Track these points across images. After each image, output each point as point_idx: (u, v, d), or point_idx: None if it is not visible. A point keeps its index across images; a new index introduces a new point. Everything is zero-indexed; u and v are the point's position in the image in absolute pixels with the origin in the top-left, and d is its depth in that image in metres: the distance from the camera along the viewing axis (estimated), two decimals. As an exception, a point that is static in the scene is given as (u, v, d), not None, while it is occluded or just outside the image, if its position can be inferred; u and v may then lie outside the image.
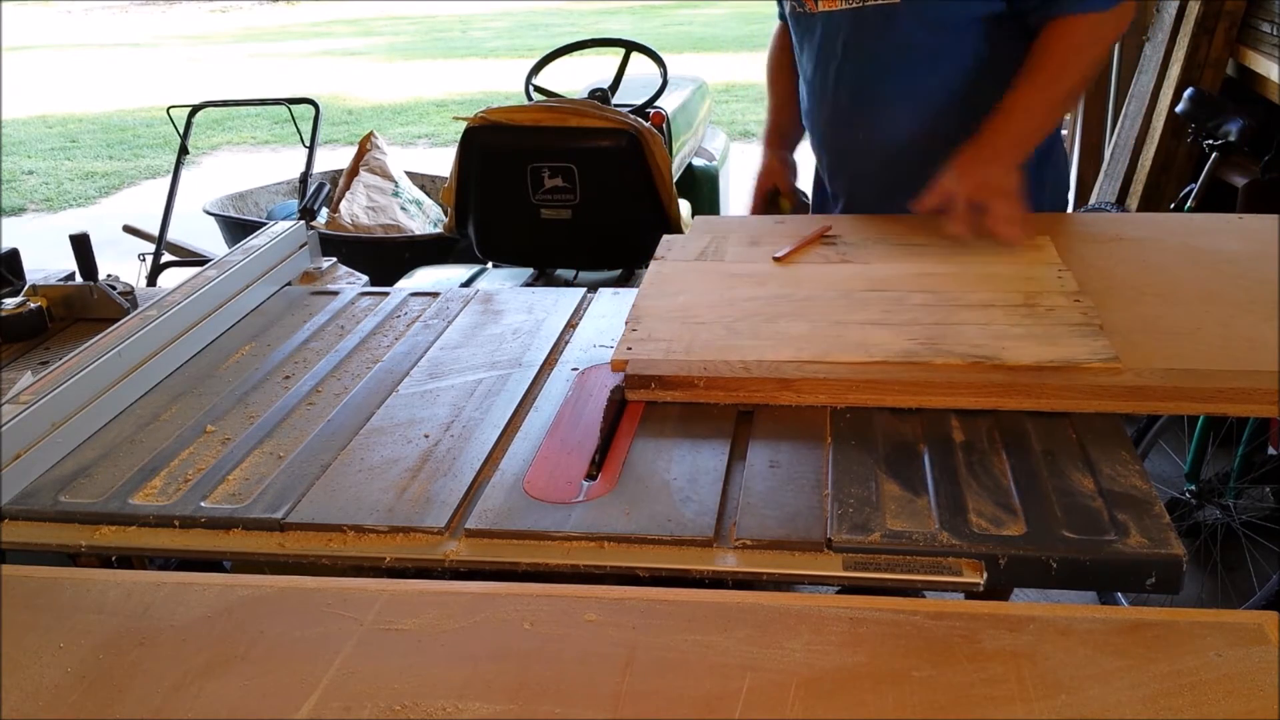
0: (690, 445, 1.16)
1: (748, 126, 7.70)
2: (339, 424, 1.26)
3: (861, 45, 1.68)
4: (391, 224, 3.99)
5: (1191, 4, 3.15)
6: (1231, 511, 2.54)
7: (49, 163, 8.05)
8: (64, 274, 1.75)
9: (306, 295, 1.71)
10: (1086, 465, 1.08)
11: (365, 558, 1.02)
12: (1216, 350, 1.23)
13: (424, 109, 9.53)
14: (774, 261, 1.55)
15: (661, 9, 15.85)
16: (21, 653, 0.89)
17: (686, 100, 3.46)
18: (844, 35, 1.69)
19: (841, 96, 1.75)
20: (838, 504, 1.03)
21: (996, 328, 1.29)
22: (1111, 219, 1.89)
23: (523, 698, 0.81)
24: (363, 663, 0.85)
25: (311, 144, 3.57)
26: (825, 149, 1.86)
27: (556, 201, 2.51)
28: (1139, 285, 1.43)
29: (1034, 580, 0.96)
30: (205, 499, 1.11)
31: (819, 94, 1.79)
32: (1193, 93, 2.98)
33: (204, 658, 0.87)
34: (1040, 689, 0.79)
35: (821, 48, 1.74)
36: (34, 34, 16.13)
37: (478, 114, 2.49)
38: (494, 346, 1.47)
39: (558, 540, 1.01)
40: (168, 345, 1.44)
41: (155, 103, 9.40)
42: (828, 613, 0.88)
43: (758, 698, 0.79)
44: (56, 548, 1.08)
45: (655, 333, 1.33)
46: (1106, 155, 3.63)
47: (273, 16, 18.28)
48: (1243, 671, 0.80)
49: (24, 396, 1.22)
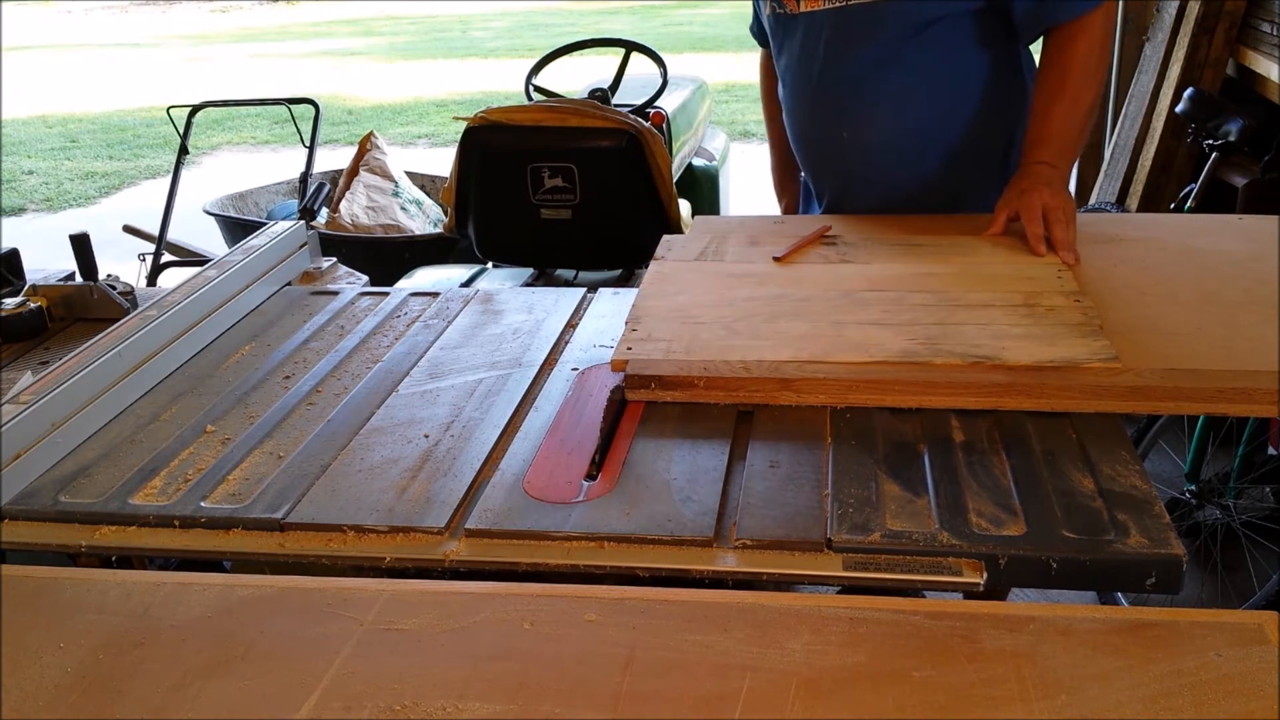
0: (690, 445, 1.16)
1: (748, 126, 7.70)
2: (339, 424, 1.26)
3: (844, 45, 1.68)
4: (391, 224, 3.99)
5: (1191, 4, 3.15)
6: (1231, 511, 2.54)
7: (49, 163, 8.05)
8: (64, 274, 1.75)
9: (306, 295, 1.71)
10: (1086, 465, 1.08)
11: (365, 558, 1.02)
12: (1216, 350, 1.23)
13: (424, 109, 9.53)
14: (774, 261, 1.55)
15: (661, 9, 15.84)
16: (21, 653, 0.89)
17: (686, 100, 3.46)
18: (826, 35, 1.69)
19: (824, 97, 1.74)
20: (838, 504, 1.03)
21: (996, 328, 1.29)
22: (1111, 219, 1.90)
23: (523, 698, 0.81)
24: (363, 663, 0.85)
25: (311, 144, 3.57)
26: (808, 149, 1.86)
27: (556, 201, 2.51)
28: (1139, 285, 1.43)
29: (1034, 580, 0.96)
30: (205, 499, 1.11)
31: (801, 95, 1.79)
32: (1193, 93, 2.98)
33: (204, 658, 0.87)
34: (1040, 689, 0.79)
35: (803, 48, 1.73)
36: (34, 34, 16.12)
37: (478, 114, 2.49)
38: (494, 346, 1.47)
39: (558, 540, 1.01)
40: (168, 345, 1.44)
41: (155, 103, 9.40)
42: (828, 613, 0.88)
43: (758, 698, 0.79)
44: (56, 548, 1.08)
45: (655, 333, 1.33)
46: (1106, 155, 3.63)
47: (273, 16, 18.27)
48: (1243, 671, 0.80)
49: (24, 396, 1.22)
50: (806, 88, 1.76)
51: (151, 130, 8.93)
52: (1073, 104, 1.60)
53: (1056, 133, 1.61)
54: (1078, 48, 1.60)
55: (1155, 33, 3.41)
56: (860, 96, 1.71)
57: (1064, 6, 1.59)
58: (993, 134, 1.73)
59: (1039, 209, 1.54)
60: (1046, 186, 1.56)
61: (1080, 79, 1.60)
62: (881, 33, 1.64)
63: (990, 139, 1.74)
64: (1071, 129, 1.62)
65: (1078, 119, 1.61)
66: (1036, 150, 1.61)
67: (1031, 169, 1.60)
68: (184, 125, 3.51)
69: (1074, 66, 1.60)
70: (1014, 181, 1.62)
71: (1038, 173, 1.59)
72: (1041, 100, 1.62)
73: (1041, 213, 1.54)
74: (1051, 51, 1.63)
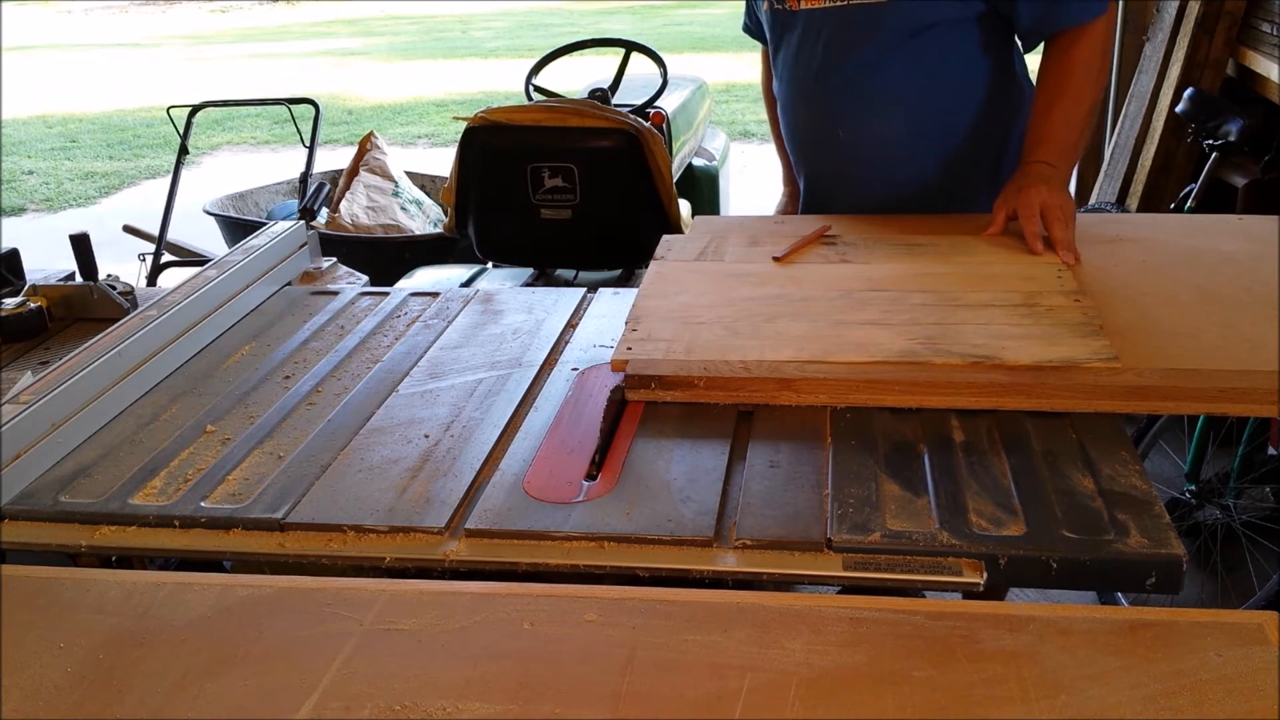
0: (690, 445, 1.16)
1: (748, 126, 7.70)
2: (339, 424, 1.26)
3: (845, 44, 1.67)
4: (391, 224, 3.99)
5: (1191, 4, 3.15)
6: (1231, 511, 2.54)
7: (49, 163, 8.05)
8: (64, 274, 1.75)
9: (306, 295, 1.71)
10: (1086, 465, 1.08)
11: (365, 558, 1.02)
12: (1216, 350, 1.23)
13: (424, 109, 9.53)
14: (774, 261, 1.55)
15: (661, 9, 15.84)
16: (21, 653, 0.89)
17: (686, 100, 3.46)
18: (826, 34, 1.69)
19: (822, 95, 1.74)
20: (838, 504, 1.03)
21: (996, 328, 1.29)
22: (1112, 219, 1.90)
23: (523, 698, 0.81)
24: (363, 663, 0.85)
25: (311, 144, 3.57)
26: (802, 146, 1.86)
27: (556, 201, 2.51)
28: (1139, 285, 1.43)
29: (1034, 580, 0.96)
30: (205, 499, 1.11)
31: (798, 92, 1.78)
32: (1193, 93, 2.98)
33: (204, 658, 0.87)
34: (1040, 689, 0.79)
35: (801, 46, 1.73)
36: (34, 34, 16.12)
37: (478, 114, 2.49)
38: (494, 346, 1.46)
39: (558, 540, 1.01)
40: (168, 345, 1.44)
41: (155, 103, 9.39)
42: (828, 613, 0.88)
43: (758, 698, 0.79)
44: (56, 548, 1.08)
45: (655, 333, 1.33)
46: (1106, 155, 3.63)
47: (273, 16, 18.27)
48: (1243, 671, 0.80)
49: (24, 396, 1.22)
50: (804, 85, 1.76)
51: (151, 130, 8.93)
52: (1073, 106, 1.60)
53: (1056, 133, 1.61)
54: (1080, 52, 1.60)
55: (1155, 33, 3.41)
56: (858, 96, 1.71)
57: (1069, 13, 1.59)
58: (987, 139, 1.73)
59: (1036, 207, 1.54)
60: (1044, 184, 1.56)
61: (1081, 82, 1.60)
62: (881, 34, 1.64)
63: (984, 144, 1.74)
64: (1071, 130, 1.61)
65: (1078, 121, 1.61)
66: (1036, 150, 1.61)
67: (1030, 168, 1.60)
68: (184, 125, 3.51)
69: (1075, 70, 1.60)
70: (1013, 180, 1.62)
71: (1037, 171, 1.59)
72: (1042, 102, 1.62)
73: (1039, 211, 1.54)
74: (1054, 55, 1.63)
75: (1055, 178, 1.58)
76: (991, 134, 1.73)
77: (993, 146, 1.75)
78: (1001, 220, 1.59)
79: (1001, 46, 1.69)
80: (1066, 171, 1.62)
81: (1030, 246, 1.52)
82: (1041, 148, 1.61)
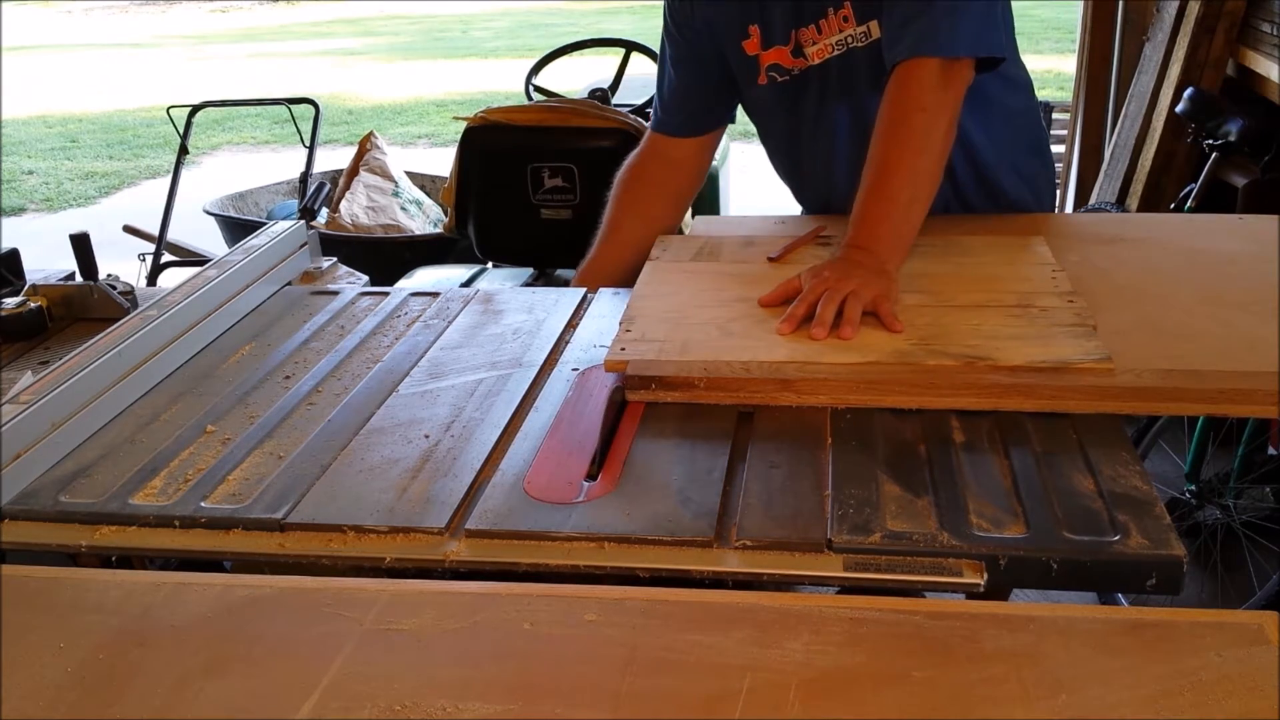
0: (690, 445, 1.16)
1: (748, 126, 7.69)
2: (339, 424, 1.26)
3: (855, 86, 1.61)
4: (391, 224, 3.99)
5: (1191, 4, 3.15)
6: (1231, 511, 2.54)
7: (49, 163, 8.05)
8: (64, 274, 1.74)
9: (306, 295, 1.71)
10: (1087, 466, 1.08)
11: (365, 558, 1.02)
12: (1216, 350, 1.23)
13: (424, 109, 9.53)
14: (769, 262, 1.55)
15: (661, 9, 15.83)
16: (21, 653, 0.89)
17: (686, 100, 3.45)
18: (837, 81, 1.62)
19: (847, 142, 1.66)
20: (838, 504, 1.03)
21: (990, 328, 1.29)
22: (1111, 219, 1.90)
23: (523, 698, 0.81)
24: (363, 663, 0.85)
25: (311, 144, 3.57)
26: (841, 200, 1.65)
27: (556, 201, 2.51)
28: (1139, 285, 1.43)
29: (1034, 581, 0.96)
30: (205, 499, 1.11)
31: (834, 148, 1.69)
32: (1193, 93, 2.98)
33: (204, 658, 0.87)
34: (1040, 689, 0.79)
35: (821, 100, 1.66)
36: (34, 34, 16.11)
37: (478, 114, 2.49)
38: (494, 346, 1.46)
39: (558, 540, 1.01)
40: (168, 345, 1.44)
41: (155, 103, 9.39)
42: (828, 613, 0.88)
43: (758, 698, 0.79)
44: (56, 548, 1.08)
45: (649, 333, 1.33)
46: (1106, 155, 3.63)
47: (273, 16, 18.27)
48: (1243, 671, 0.80)
49: (24, 396, 1.22)
50: (841, 138, 1.67)
51: (151, 130, 8.93)
52: (893, 175, 1.42)
53: (870, 212, 1.43)
54: (908, 89, 1.42)
55: (1155, 33, 3.41)
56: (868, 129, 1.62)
57: (909, 45, 1.42)
58: (987, 148, 1.69)
59: (819, 291, 1.32)
60: (855, 267, 1.35)
61: (918, 132, 1.41)
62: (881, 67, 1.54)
63: (985, 154, 1.69)
64: (897, 205, 1.41)
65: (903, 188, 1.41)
66: (850, 230, 1.43)
67: (845, 252, 1.41)
68: (184, 125, 3.52)
69: (906, 114, 1.42)
70: (829, 260, 1.42)
71: (847, 257, 1.40)
72: (866, 172, 1.44)
73: (821, 294, 1.32)
74: (889, 92, 1.45)
75: (869, 263, 1.37)
76: (994, 140, 1.71)
77: (1020, 157, 1.72)
78: (778, 301, 1.38)
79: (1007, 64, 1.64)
80: (885, 252, 1.39)
81: (779, 331, 1.31)
82: (854, 229, 1.42)
